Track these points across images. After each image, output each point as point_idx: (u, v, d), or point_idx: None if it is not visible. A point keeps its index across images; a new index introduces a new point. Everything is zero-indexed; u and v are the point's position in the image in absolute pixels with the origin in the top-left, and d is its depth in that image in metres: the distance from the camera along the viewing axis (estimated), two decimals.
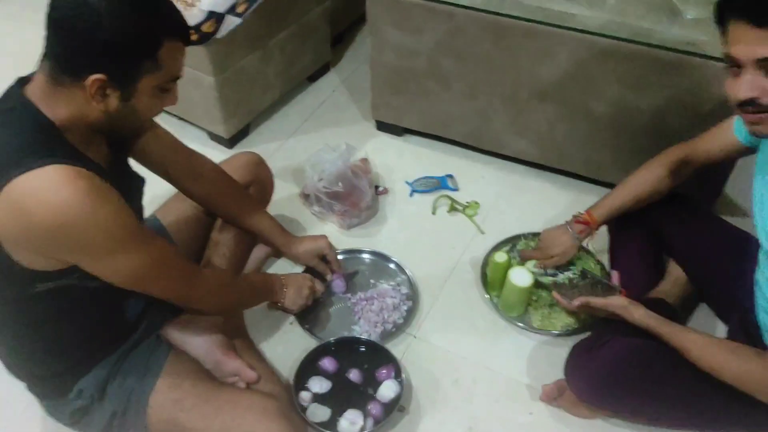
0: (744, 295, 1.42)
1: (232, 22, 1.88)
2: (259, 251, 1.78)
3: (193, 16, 1.82)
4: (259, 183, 1.73)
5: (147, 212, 1.58)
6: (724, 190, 1.86)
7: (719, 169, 1.74)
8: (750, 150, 1.39)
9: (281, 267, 1.82)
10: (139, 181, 1.33)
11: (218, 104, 2.05)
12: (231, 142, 2.18)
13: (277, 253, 1.80)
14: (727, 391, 1.23)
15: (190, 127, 2.24)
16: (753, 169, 1.29)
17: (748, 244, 1.50)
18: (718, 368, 1.23)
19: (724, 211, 1.92)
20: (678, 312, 1.58)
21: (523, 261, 1.70)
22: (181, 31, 1.10)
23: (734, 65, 1.07)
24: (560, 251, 1.64)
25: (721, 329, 1.58)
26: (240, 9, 1.89)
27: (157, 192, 1.57)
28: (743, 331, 1.40)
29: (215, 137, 2.20)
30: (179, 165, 1.48)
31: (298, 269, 1.78)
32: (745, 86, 1.05)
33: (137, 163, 1.39)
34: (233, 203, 1.61)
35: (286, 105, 2.37)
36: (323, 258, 1.72)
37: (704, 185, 1.79)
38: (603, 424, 1.48)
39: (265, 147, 2.19)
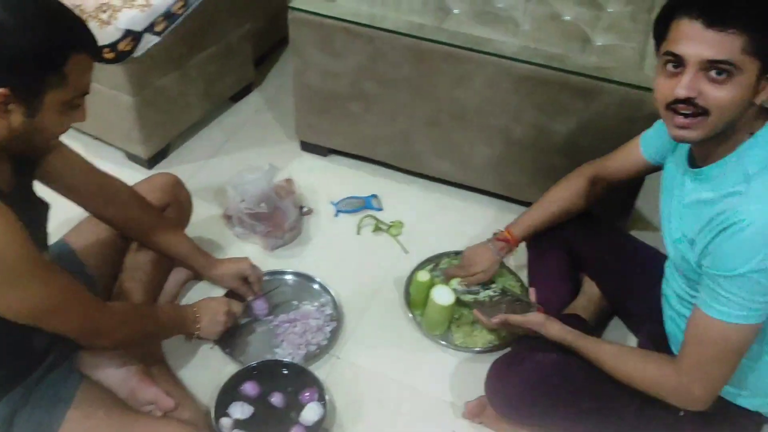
0: (653, 307, 1.49)
1: (150, 40, 1.85)
2: (178, 274, 1.74)
3: (108, 34, 1.78)
4: (176, 204, 1.70)
5: (58, 235, 1.52)
6: (634, 207, 1.95)
7: (629, 187, 1.83)
8: (655, 168, 1.46)
9: (202, 289, 1.78)
10: (44, 208, 1.28)
11: (137, 124, 2.00)
12: (150, 162, 2.13)
13: (198, 276, 1.75)
14: (641, 399, 1.28)
15: (107, 147, 2.17)
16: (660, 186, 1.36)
17: (656, 259, 1.58)
18: (632, 376, 1.27)
19: (635, 227, 2.01)
20: (592, 327, 1.64)
21: (447, 280, 1.72)
22: (88, 45, 1.07)
23: (673, 64, 1.07)
24: (483, 268, 1.67)
25: (633, 342, 1.65)
26: (158, 28, 1.86)
27: (70, 215, 1.51)
28: (652, 342, 1.46)
29: (133, 157, 2.14)
30: (90, 187, 1.43)
31: (219, 291, 1.74)
32: (685, 84, 1.05)
33: (46, 187, 1.33)
34: (149, 225, 1.56)
35: (207, 125, 2.34)
36: (245, 280, 1.70)
37: (615, 203, 1.87)
38: None
39: (185, 168, 2.14)
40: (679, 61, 1.06)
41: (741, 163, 1.10)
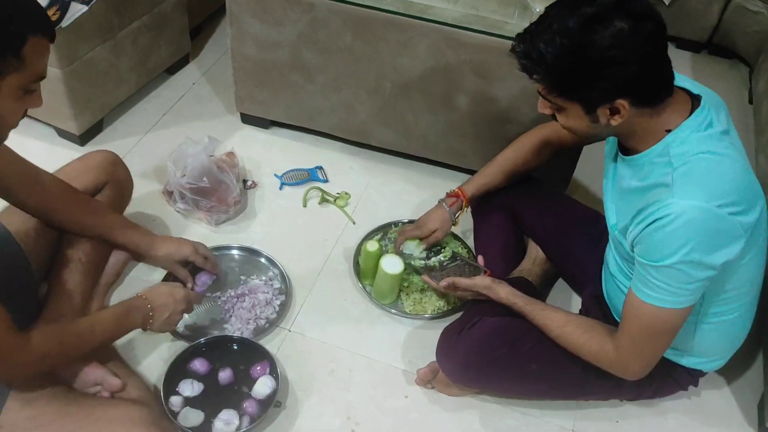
0: (594, 268, 1.54)
1: (77, 9, 1.76)
2: (119, 254, 1.68)
3: None
4: (115, 183, 1.63)
5: None
6: (573, 176, 1.99)
7: (569, 153, 1.87)
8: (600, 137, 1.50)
9: (146, 266, 1.74)
10: None
11: (66, 99, 1.91)
12: (83, 139, 2.04)
13: (138, 257, 1.70)
14: (583, 364, 1.33)
15: (36, 124, 2.07)
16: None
17: (596, 221, 1.62)
18: (575, 347, 1.32)
19: (573, 194, 2.05)
20: (538, 289, 1.68)
21: (402, 240, 1.70)
22: (46, 27, 1.06)
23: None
24: (438, 225, 1.66)
25: (578, 302, 1.70)
26: None
27: None
28: (595, 302, 1.51)
29: (65, 134, 2.05)
30: (16, 176, 1.36)
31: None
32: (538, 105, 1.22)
33: None
34: (79, 213, 1.49)
35: (143, 99, 2.25)
36: (186, 262, 1.64)
37: (555, 170, 1.90)
38: (472, 400, 1.54)
39: (121, 143, 2.07)
40: None
41: (666, 156, 1.15)
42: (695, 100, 1.18)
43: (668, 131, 1.15)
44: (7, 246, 1.42)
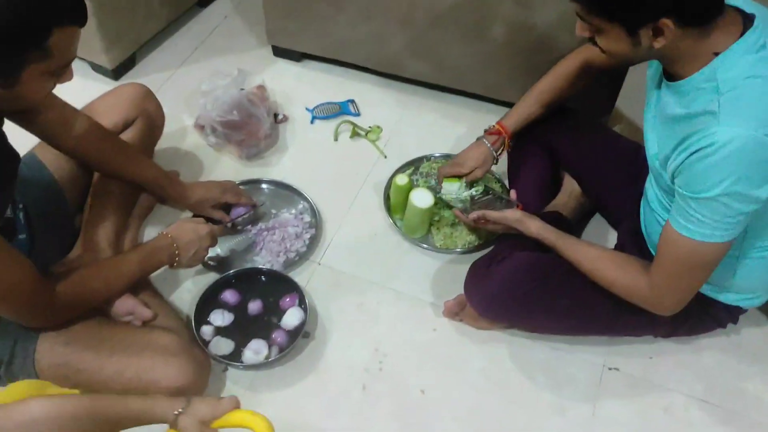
0: (632, 203, 1.48)
1: None
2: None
3: None
4: (146, 116, 1.63)
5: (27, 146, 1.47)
6: (615, 105, 1.90)
7: (610, 84, 1.78)
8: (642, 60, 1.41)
9: None
10: (13, 162, 1.21)
11: (97, 32, 1.90)
12: (116, 73, 2.05)
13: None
14: (615, 300, 1.29)
15: None
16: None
17: (636, 154, 1.56)
18: (608, 282, 1.29)
19: (615, 127, 1.97)
20: (572, 224, 1.63)
21: (441, 179, 1.66)
22: (74, 16, 1.02)
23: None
24: (479, 163, 1.62)
25: (614, 237, 1.65)
26: None
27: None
28: (632, 237, 1.46)
29: (98, 68, 2.06)
30: (53, 119, 1.36)
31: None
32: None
33: None
34: (112, 161, 1.49)
35: (175, 33, 2.24)
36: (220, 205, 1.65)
37: (596, 101, 1.83)
38: (500, 334, 1.53)
39: (154, 77, 2.07)
40: None
41: (713, 82, 1.07)
42: (748, 20, 1.09)
43: (716, 54, 1.07)
44: (42, 177, 1.46)
